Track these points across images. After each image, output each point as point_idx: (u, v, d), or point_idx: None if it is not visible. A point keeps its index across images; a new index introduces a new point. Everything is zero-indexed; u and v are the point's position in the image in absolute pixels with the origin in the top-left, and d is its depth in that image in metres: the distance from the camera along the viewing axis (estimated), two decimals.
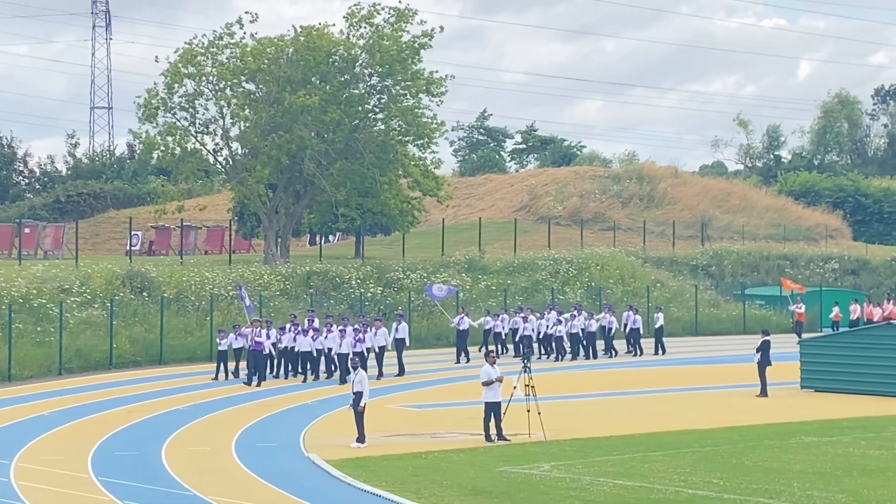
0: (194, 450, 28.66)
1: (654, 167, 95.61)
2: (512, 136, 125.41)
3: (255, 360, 41.55)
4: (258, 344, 41.51)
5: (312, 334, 42.82)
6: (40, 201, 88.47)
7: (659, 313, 54.36)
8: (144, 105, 60.81)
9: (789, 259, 75.28)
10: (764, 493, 22.93)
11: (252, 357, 41.72)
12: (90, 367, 44.74)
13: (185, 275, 52.59)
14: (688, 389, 41.61)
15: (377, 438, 29.69)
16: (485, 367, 29.91)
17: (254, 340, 41.56)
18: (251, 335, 41.74)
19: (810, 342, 43.59)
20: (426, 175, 62.03)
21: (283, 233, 62.90)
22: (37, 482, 24.38)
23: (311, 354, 42.73)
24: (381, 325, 43.62)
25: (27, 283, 47.54)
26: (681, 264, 71.24)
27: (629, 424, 32.65)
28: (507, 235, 73.23)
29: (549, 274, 62.76)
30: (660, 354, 52.59)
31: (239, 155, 62.72)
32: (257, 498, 22.96)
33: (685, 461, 26.58)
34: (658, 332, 53.42)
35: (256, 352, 41.54)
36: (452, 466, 26.18)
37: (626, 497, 22.63)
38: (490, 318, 50.95)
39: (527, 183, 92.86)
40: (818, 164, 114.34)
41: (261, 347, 41.57)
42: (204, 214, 74.32)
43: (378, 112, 62.13)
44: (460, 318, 49.23)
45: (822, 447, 28.87)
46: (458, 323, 49.10)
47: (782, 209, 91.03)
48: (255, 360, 41.55)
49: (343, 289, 55.50)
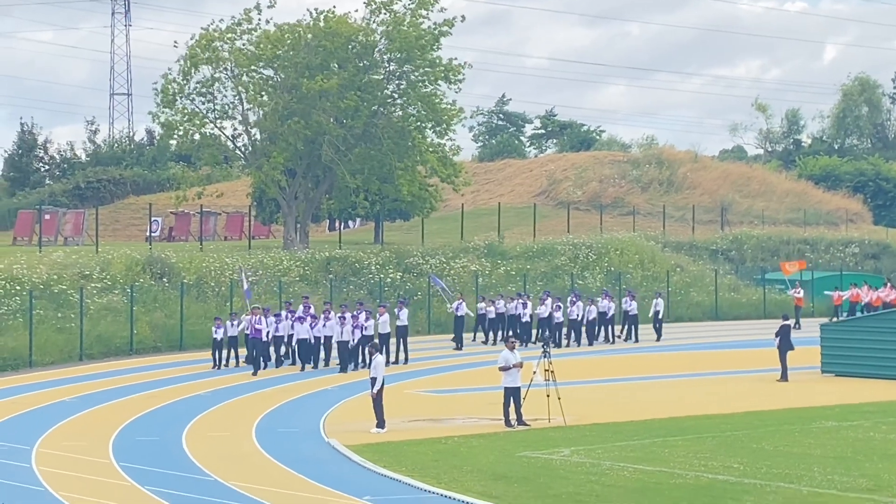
0: (215, 435, 28.73)
1: (674, 152, 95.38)
2: (531, 122, 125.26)
3: (254, 348, 40.86)
4: (257, 331, 40.81)
5: (310, 322, 42.06)
6: (60, 188, 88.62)
7: (658, 299, 53.70)
8: (163, 90, 60.86)
9: (809, 243, 75.08)
10: (784, 477, 22.89)
11: (251, 345, 41.12)
12: (111, 353, 44.86)
13: (204, 261, 52.68)
14: (708, 374, 41.55)
15: (397, 424, 29.71)
16: (503, 353, 29.91)
17: (253, 328, 40.88)
18: (251, 322, 41.11)
19: (831, 326, 43.48)
20: (443, 162, 61.93)
21: (302, 218, 62.93)
22: (58, 468, 24.47)
23: (309, 342, 41.97)
24: (384, 312, 42.80)
25: (48, 270, 47.67)
26: (700, 249, 71.08)
27: (649, 409, 32.62)
28: (526, 220, 73.15)
29: (569, 259, 62.68)
30: (658, 341, 51.91)
31: (258, 141, 62.75)
32: (278, 483, 23.00)
33: (705, 446, 26.56)
34: (656, 318, 52.79)
35: (256, 339, 40.85)
36: (472, 451, 26.20)
37: (647, 482, 22.61)
38: (484, 305, 50.68)
39: (546, 168, 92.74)
40: (838, 148, 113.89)
41: (260, 335, 40.88)
42: (223, 200, 74.41)
43: (396, 98, 62.07)
44: (458, 304, 49.14)
45: (843, 431, 28.81)
46: (456, 309, 49.04)
47: (802, 193, 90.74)
48: (254, 348, 40.86)
49: (362, 274, 55.52)
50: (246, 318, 41.98)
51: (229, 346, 42.28)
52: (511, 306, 49.97)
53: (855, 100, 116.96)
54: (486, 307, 50.21)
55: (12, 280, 45.77)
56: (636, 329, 51.86)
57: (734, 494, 21.31)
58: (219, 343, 41.96)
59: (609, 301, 52.02)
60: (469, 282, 56.80)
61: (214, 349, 42.01)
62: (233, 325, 42.36)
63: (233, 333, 42.27)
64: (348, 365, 40.91)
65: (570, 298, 51.02)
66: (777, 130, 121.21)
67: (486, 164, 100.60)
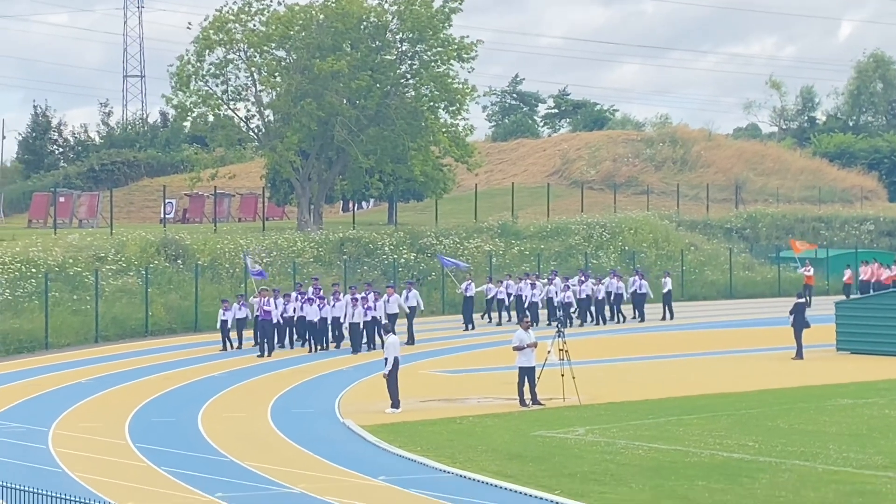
0: (230, 416, 28.80)
1: (688, 130, 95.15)
2: (544, 101, 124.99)
3: (263, 330, 40.70)
4: (266, 313, 40.55)
5: (319, 303, 41.89)
6: (75, 170, 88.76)
7: (667, 278, 53.47)
8: (178, 73, 60.88)
9: (824, 221, 74.91)
10: (800, 455, 22.88)
11: (260, 327, 40.91)
12: (126, 335, 44.98)
13: (218, 242, 52.74)
14: (723, 353, 41.53)
15: (412, 404, 29.75)
16: (518, 332, 29.91)
17: (262, 310, 40.60)
18: (260, 304, 40.85)
19: (846, 304, 43.41)
20: (456, 143, 61.86)
21: (315, 199, 62.95)
22: (74, 449, 24.55)
23: (318, 323, 41.75)
24: (392, 293, 42.69)
25: (63, 252, 47.78)
26: (715, 227, 70.97)
27: (663, 388, 32.62)
28: (539, 200, 73.07)
29: (583, 238, 62.63)
30: (667, 320, 51.87)
31: (271, 122, 62.76)
32: (293, 463, 23.06)
33: (720, 424, 26.55)
34: (666, 297, 52.60)
35: (265, 321, 40.60)
36: (487, 431, 26.23)
37: (661, 460, 22.62)
38: (492, 286, 50.52)
39: (559, 147, 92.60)
40: (853, 126, 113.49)
41: (269, 317, 40.65)
42: (237, 182, 74.47)
43: (409, 78, 61.98)
44: (467, 285, 49.10)
45: (858, 409, 28.78)
46: (465, 289, 48.99)
47: (817, 171, 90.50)
48: (263, 330, 40.70)
49: (376, 255, 55.55)
50: (255, 301, 41.88)
51: (239, 328, 42.26)
52: (519, 286, 49.90)
53: (870, 76, 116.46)
54: (496, 287, 50.17)
55: (28, 262, 45.89)
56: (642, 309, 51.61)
57: (749, 472, 21.32)
58: (226, 325, 41.94)
59: (618, 281, 51.84)
60: (483, 262, 56.80)
61: (223, 331, 41.98)
62: (240, 308, 42.29)
63: (240, 315, 42.21)
64: (359, 346, 40.89)
65: (579, 278, 50.91)
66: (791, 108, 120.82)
67: (500, 143, 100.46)
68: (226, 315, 42.00)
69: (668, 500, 19.44)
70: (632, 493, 19.96)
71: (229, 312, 42.04)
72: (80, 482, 21.24)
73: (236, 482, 21.32)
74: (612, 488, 20.31)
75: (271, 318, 40.83)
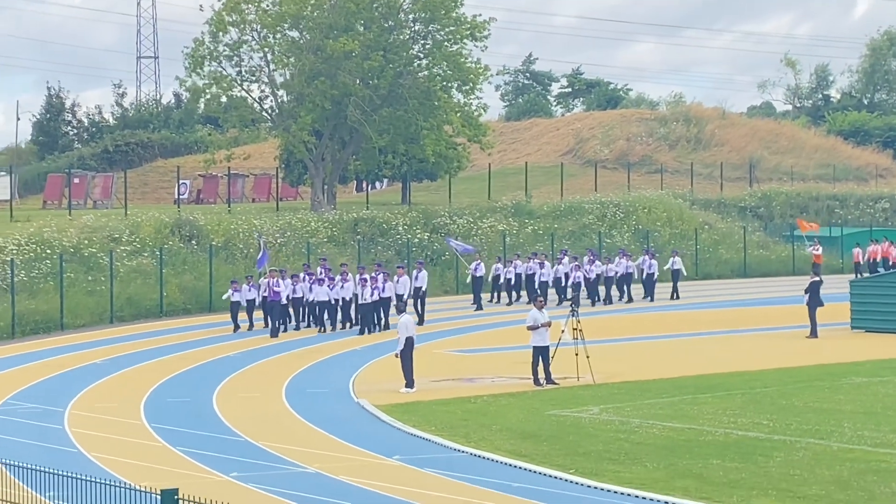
0: (245, 396, 28.88)
1: (702, 109, 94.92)
2: (557, 80, 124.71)
3: (272, 311, 40.60)
4: (276, 294, 40.50)
5: (328, 283, 41.67)
6: (89, 151, 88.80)
7: (675, 257, 53.17)
8: (192, 54, 60.92)
9: (839, 199, 74.73)
10: (814, 433, 22.88)
11: (269, 308, 40.82)
12: (141, 315, 45.10)
13: (232, 223, 52.80)
14: (737, 331, 41.51)
15: (426, 383, 29.79)
16: (532, 312, 29.91)
17: (271, 290, 40.54)
18: (269, 285, 40.73)
19: (861, 282, 43.34)
20: (469, 122, 61.81)
21: (329, 180, 62.97)
22: (90, 429, 24.65)
23: (329, 304, 41.62)
24: (402, 273, 42.47)
25: (77, 233, 47.88)
26: (729, 206, 70.86)
27: (678, 367, 32.62)
28: (553, 179, 73.01)
29: (597, 218, 62.57)
30: (674, 299, 51.54)
31: (284, 102, 62.77)
32: (308, 443, 23.12)
33: (735, 403, 26.55)
34: (675, 276, 52.30)
35: (274, 302, 40.53)
36: (501, 410, 26.26)
37: (676, 439, 22.64)
38: (501, 265, 50.38)
39: (573, 127, 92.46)
40: (868, 104, 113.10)
41: (278, 298, 40.55)
42: (251, 162, 74.48)
43: (422, 58, 61.93)
44: (476, 265, 49.04)
45: (873, 387, 28.76)
46: (474, 269, 48.97)
47: (831, 149, 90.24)
48: (272, 311, 40.60)
49: (390, 235, 55.57)
50: (264, 281, 41.70)
51: (249, 309, 42.18)
52: (527, 266, 49.78)
53: (883, 54, 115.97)
54: (504, 268, 50.05)
55: (43, 244, 46.00)
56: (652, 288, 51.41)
57: (764, 451, 21.32)
58: (236, 306, 41.90)
59: (627, 260, 51.52)
60: (496, 241, 56.80)
61: (233, 312, 41.91)
62: (250, 289, 42.17)
63: (250, 297, 42.08)
64: (369, 327, 40.73)
65: (588, 258, 50.59)
66: (806, 86, 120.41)
67: (513, 123, 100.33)
68: (235, 296, 41.95)
69: (682, 478, 19.46)
70: (646, 471, 19.99)
71: (238, 294, 41.97)
72: (96, 462, 21.32)
73: (251, 462, 21.39)
74: (627, 467, 20.34)
75: (280, 299, 40.73)
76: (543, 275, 49.23)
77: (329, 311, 41.73)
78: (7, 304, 41.34)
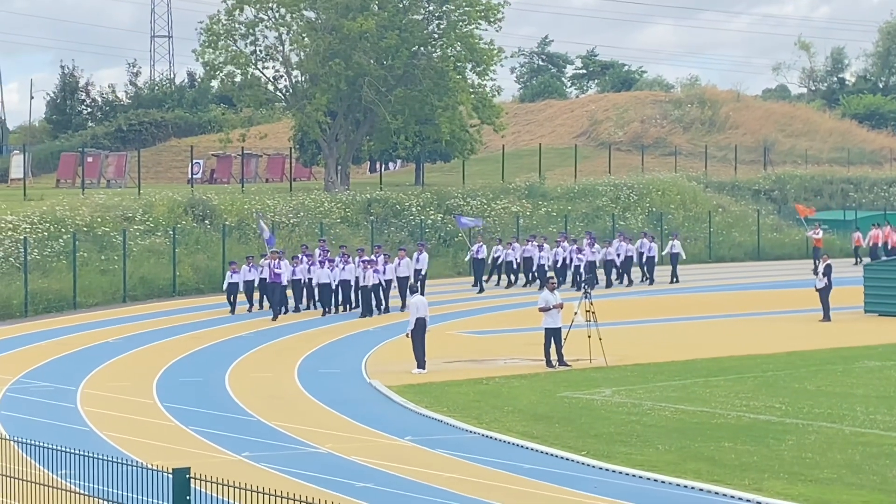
0: (257, 376, 28.92)
1: (716, 91, 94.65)
2: (572, 62, 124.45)
3: (273, 293, 40.16)
4: (276, 276, 40.03)
5: (329, 266, 41.21)
6: (102, 130, 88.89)
7: (675, 240, 52.53)
8: (207, 30, 60.89)
9: (853, 183, 74.51)
10: (827, 417, 22.85)
11: (270, 290, 40.34)
12: (154, 295, 45.16)
13: (246, 202, 52.82)
14: (750, 314, 41.44)
15: (438, 365, 29.80)
16: (543, 293, 29.91)
17: (272, 272, 40.06)
18: (270, 267, 40.25)
19: (875, 266, 43.25)
20: (482, 103, 61.71)
21: (343, 160, 62.94)
22: (103, 408, 24.71)
23: (330, 286, 41.10)
24: (404, 256, 41.97)
25: (91, 212, 47.94)
26: (743, 189, 70.69)
27: (690, 350, 32.59)
28: (567, 161, 72.87)
29: (610, 200, 62.49)
30: (674, 283, 50.88)
31: (299, 82, 62.72)
32: (320, 423, 23.14)
33: (747, 386, 26.53)
34: (673, 259, 51.63)
35: (275, 284, 40.07)
36: (513, 392, 26.27)
37: (688, 422, 22.62)
38: (501, 248, 49.76)
39: (587, 108, 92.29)
40: (882, 87, 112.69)
41: (279, 280, 40.12)
42: (264, 143, 74.48)
43: (437, 38, 61.82)
44: (479, 247, 48.85)
45: (886, 371, 28.70)
46: (476, 251, 48.77)
47: (846, 132, 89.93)
48: (273, 293, 40.16)
49: (403, 216, 55.54)
50: (265, 262, 41.30)
51: (249, 290, 41.79)
52: (526, 249, 49.39)
53: None
54: (504, 250, 49.65)
55: (56, 222, 46.08)
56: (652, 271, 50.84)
57: (776, 434, 21.30)
58: (234, 287, 41.43)
59: (627, 244, 51.02)
60: (510, 223, 56.74)
61: (229, 294, 41.41)
62: (250, 269, 41.81)
63: (249, 277, 41.73)
64: (370, 310, 40.30)
65: (586, 241, 49.90)
66: (821, 69, 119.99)
67: (528, 104, 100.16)
68: (234, 277, 41.47)
69: (694, 461, 19.45)
70: (658, 454, 19.98)
71: (237, 275, 41.50)
72: (108, 441, 21.38)
73: (263, 442, 21.43)
74: (639, 449, 20.33)
75: (281, 281, 40.34)
76: (542, 258, 48.63)
77: (330, 293, 41.26)
78: (20, 283, 41.43)
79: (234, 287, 41.56)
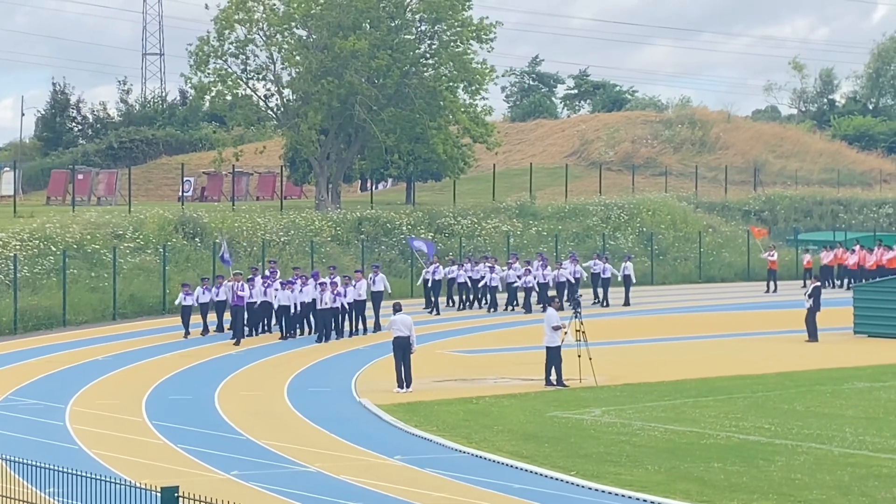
0: (247, 394, 28.88)
1: (707, 112, 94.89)
2: (563, 82, 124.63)
3: (234, 317, 38.82)
4: (240, 298, 38.75)
5: (288, 287, 39.62)
6: (93, 147, 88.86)
7: (627, 262, 51.50)
8: (196, 52, 60.96)
9: (843, 204, 74.66)
10: (816, 438, 22.86)
11: (234, 312, 38.90)
12: (143, 312, 45.09)
13: (236, 220, 52.81)
14: (739, 335, 41.46)
15: (427, 384, 29.79)
16: (550, 312, 29.98)
17: (236, 295, 38.79)
18: (234, 289, 39.01)
19: (864, 287, 43.32)
20: (475, 122, 61.84)
21: (334, 179, 62.99)
22: (91, 426, 24.66)
23: (289, 309, 39.55)
24: (360, 278, 40.89)
25: (81, 229, 47.89)
26: (733, 209, 70.84)
27: (680, 370, 32.60)
28: (558, 181, 72.99)
29: (601, 219, 62.58)
30: (626, 306, 49.61)
31: (290, 101, 62.79)
32: (309, 442, 23.12)
33: (736, 406, 26.54)
34: (626, 282, 50.48)
35: (237, 307, 38.70)
36: (503, 411, 26.25)
37: (678, 442, 22.62)
38: (455, 268, 48.74)
39: (578, 128, 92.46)
40: (872, 108, 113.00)
41: (242, 302, 38.83)
42: (255, 161, 74.53)
43: (428, 58, 61.96)
44: (435, 268, 47.73)
45: (875, 392, 28.73)
46: (433, 272, 47.46)
47: (836, 153, 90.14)
48: (234, 317, 38.82)
49: (394, 234, 55.55)
50: (227, 284, 40.26)
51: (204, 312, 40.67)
52: (477, 269, 48.41)
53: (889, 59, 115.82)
54: (458, 270, 48.64)
55: (46, 239, 46.02)
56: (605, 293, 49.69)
57: (765, 455, 21.31)
58: (188, 310, 40.00)
59: (605, 263, 50.44)
60: (501, 242, 56.77)
61: (184, 316, 39.96)
62: (204, 291, 40.75)
63: (204, 300, 40.71)
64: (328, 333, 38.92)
65: (538, 262, 48.55)
66: (811, 90, 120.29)
67: (518, 124, 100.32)
68: (187, 300, 40.12)
69: (683, 481, 19.45)
70: (647, 474, 19.98)
71: (190, 297, 40.22)
72: (97, 459, 21.33)
73: (252, 460, 21.39)
74: (628, 469, 20.33)
75: (242, 304, 39.05)
76: (493, 279, 47.90)
77: (293, 317, 39.85)
78: (9, 300, 41.35)
79: (188, 310, 40.07)
